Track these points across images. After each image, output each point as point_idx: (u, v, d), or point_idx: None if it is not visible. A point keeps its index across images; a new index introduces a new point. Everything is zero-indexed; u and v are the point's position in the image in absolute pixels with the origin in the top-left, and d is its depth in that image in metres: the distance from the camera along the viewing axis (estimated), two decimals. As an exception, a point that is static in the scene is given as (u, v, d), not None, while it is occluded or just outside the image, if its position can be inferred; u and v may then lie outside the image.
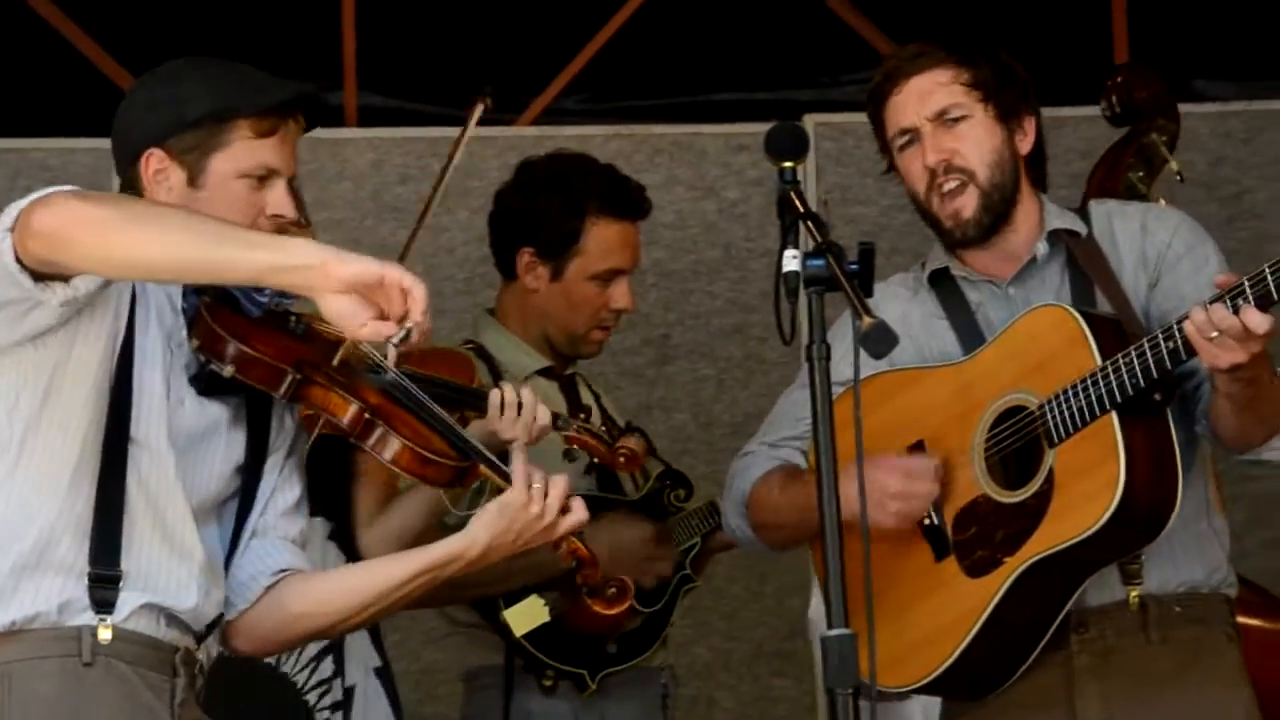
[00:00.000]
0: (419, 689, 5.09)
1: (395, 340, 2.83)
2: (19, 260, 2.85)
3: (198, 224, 2.87)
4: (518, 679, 4.17)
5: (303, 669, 3.66)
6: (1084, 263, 3.47)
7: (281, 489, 3.16)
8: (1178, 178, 4.54)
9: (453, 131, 5.46)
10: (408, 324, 2.82)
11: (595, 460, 3.59)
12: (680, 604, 4.43)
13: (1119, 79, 4.55)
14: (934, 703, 3.87)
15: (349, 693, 3.73)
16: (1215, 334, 3.14)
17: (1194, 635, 3.41)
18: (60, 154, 5.31)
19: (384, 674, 3.77)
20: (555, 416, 3.56)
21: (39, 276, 2.88)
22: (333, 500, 3.68)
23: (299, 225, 3.58)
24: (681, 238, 5.44)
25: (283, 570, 3.14)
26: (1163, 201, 4.35)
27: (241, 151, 3.06)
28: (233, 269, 2.86)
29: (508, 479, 3.13)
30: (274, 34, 5.36)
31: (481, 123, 5.56)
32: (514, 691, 4.17)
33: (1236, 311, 3.12)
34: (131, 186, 3.10)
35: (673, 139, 5.50)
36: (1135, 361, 3.24)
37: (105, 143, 5.22)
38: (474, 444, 3.15)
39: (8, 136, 5.32)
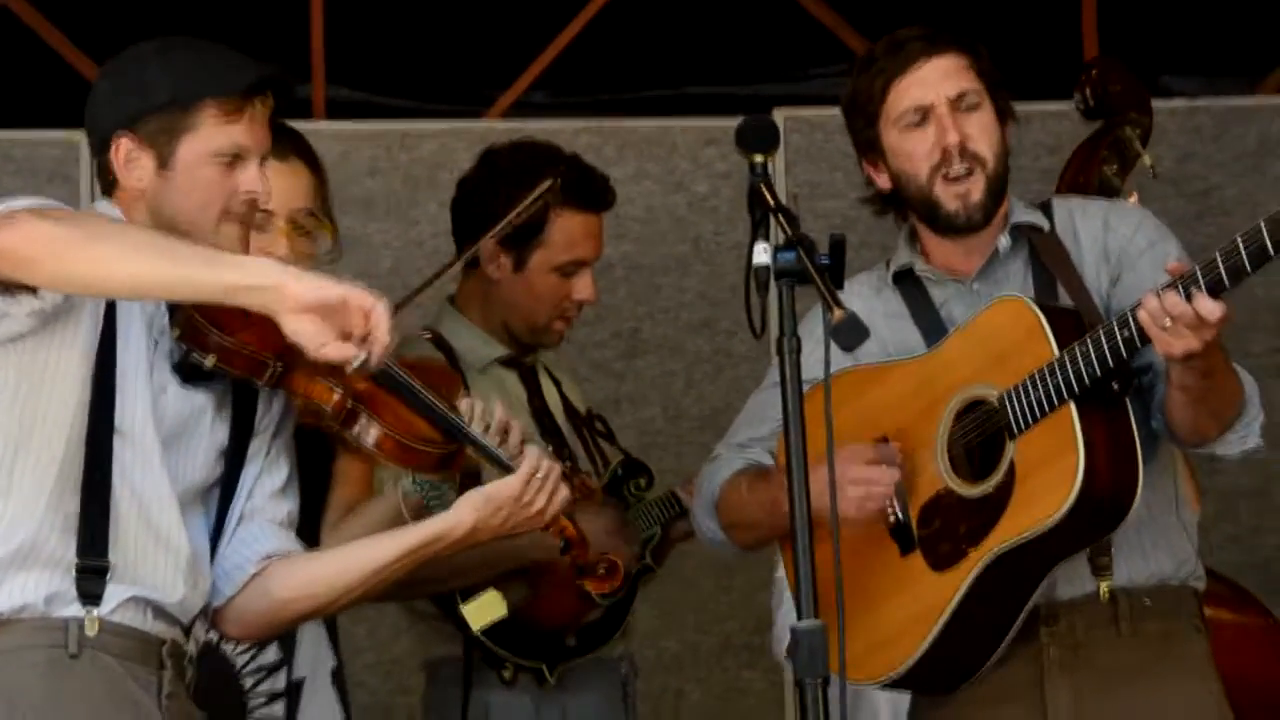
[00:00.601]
0: (390, 680, 5.09)
1: (355, 364, 2.85)
2: None
3: (159, 244, 2.89)
4: (477, 672, 4.15)
5: (244, 651, 3.64)
6: (1046, 258, 3.48)
7: (268, 471, 3.15)
8: (1151, 172, 4.55)
9: (422, 125, 5.48)
10: (368, 346, 2.85)
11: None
12: (645, 595, 4.42)
13: (1093, 72, 4.56)
14: (901, 696, 3.89)
15: (296, 686, 3.71)
16: (1169, 321, 3.14)
17: (1163, 628, 3.41)
18: (25, 145, 5.29)
19: (338, 676, 3.75)
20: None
21: (6, 287, 2.89)
22: (305, 501, 3.65)
23: (320, 223, 3.59)
24: (651, 231, 5.44)
25: (269, 555, 3.13)
26: (1134, 196, 4.36)
27: (210, 134, 3.05)
28: (192, 288, 2.90)
29: (496, 462, 3.12)
30: (242, 26, 5.33)
31: (451, 115, 5.59)
32: (473, 684, 4.15)
33: (1189, 299, 3.12)
34: (105, 173, 3.10)
35: (642, 133, 5.50)
36: (1091, 351, 3.25)
37: (72, 134, 5.26)
38: (463, 427, 3.14)
39: (-27, 127, 5.31)
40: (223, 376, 3.07)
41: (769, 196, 2.99)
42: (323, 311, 2.84)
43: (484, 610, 4.01)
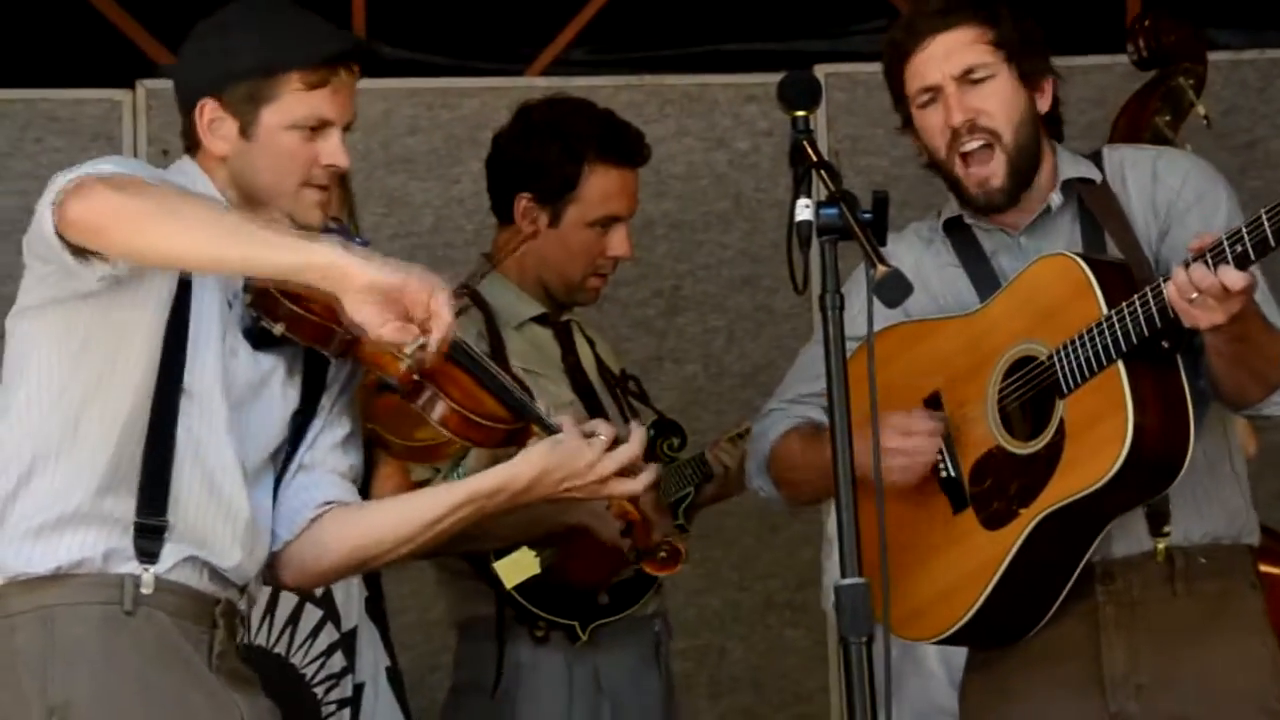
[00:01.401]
0: (432, 639, 5.10)
1: (410, 349, 2.88)
2: (60, 235, 2.90)
3: (227, 222, 2.92)
4: (509, 630, 4.16)
5: (312, 661, 3.67)
6: (1096, 210, 3.46)
7: (330, 425, 3.16)
8: (1205, 122, 4.52)
9: (462, 82, 5.47)
10: (424, 338, 2.87)
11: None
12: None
13: (1146, 22, 4.53)
14: (954, 653, 3.88)
15: (358, 689, 3.73)
16: (1195, 294, 3.13)
17: (1219, 587, 3.41)
18: (69, 105, 5.30)
19: (394, 675, 3.77)
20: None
21: (80, 251, 2.92)
22: None
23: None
24: (692, 189, 5.43)
25: (328, 502, 3.14)
26: (1188, 146, 4.33)
27: (292, 103, 3.07)
28: (258, 267, 2.94)
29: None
30: (283, -16, 5.33)
31: (491, 73, 5.58)
32: (505, 642, 4.16)
33: (1215, 270, 3.11)
34: (190, 133, 3.12)
35: (683, 90, 5.49)
36: (1139, 310, 3.23)
37: (114, 93, 5.28)
38: (529, 405, 3.13)
39: (16, 87, 5.31)
40: (292, 344, 3.08)
41: (811, 152, 2.98)
42: (385, 294, 2.86)
43: (517, 568, 4.04)
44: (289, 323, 3.05)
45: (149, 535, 3.00)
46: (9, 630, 2.99)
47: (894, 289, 2.88)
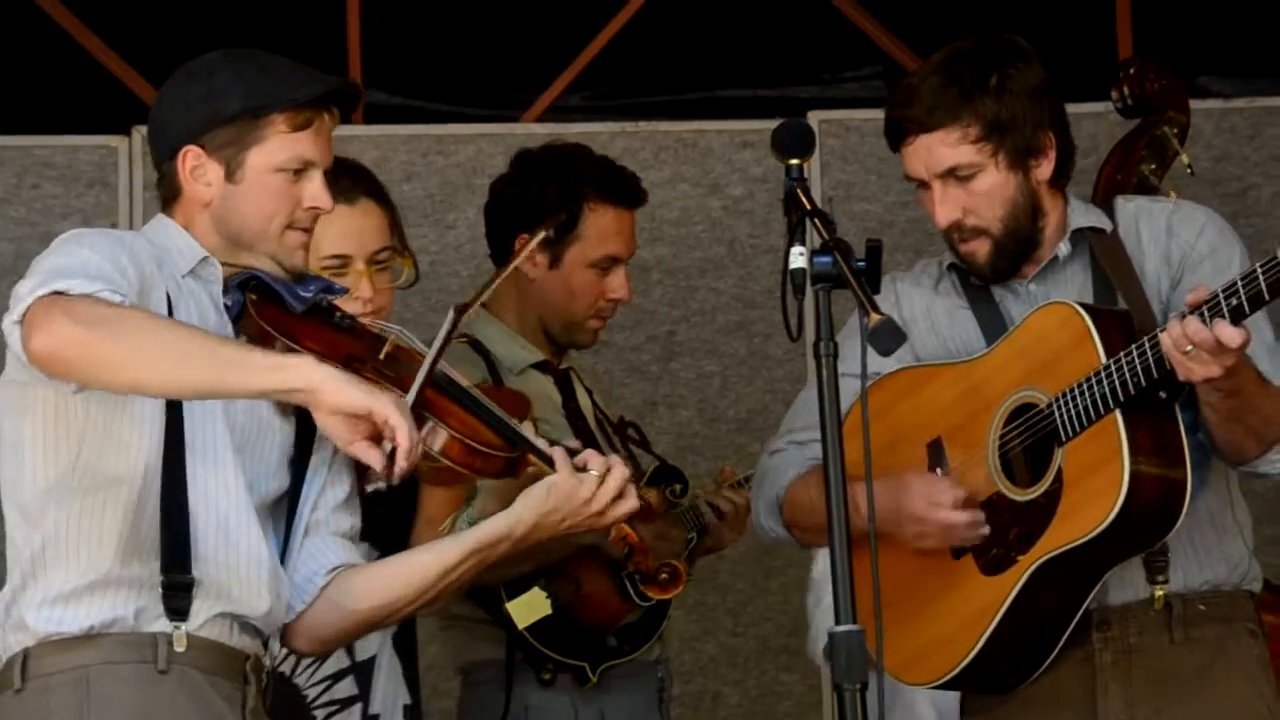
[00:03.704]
0: (423, 685, 5.09)
1: (377, 474, 2.91)
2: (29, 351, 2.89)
3: (194, 345, 2.90)
4: (516, 672, 4.17)
5: (316, 684, 3.65)
6: (1105, 260, 3.47)
7: (331, 485, 3.17)
8: (1188, 170, 4.53)
9: (458, 129, 5.49)
10: (389, 444, 2.89)
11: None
12: (681, 599, 4.41)
13: (1131, 70, 4.55)
14: (945, 698, 3.88)
15: None
16: (1190, 347, 3.14)
17: (1217, 633, 3.42)
18: (65, 151, 5.32)
19: (412, 713, 3.76)
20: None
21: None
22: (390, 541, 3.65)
23: (398, 254, 3.62)
24: (686, 234, 5.44)
25: (336, 567, 3.14)
26: (1173, 194, 4.35)
27: (277, 146, 3.08)
28: (229, 392, 2.95)
29: (552, 466, 3.12)
30: (280, 31, 5.36)
31: (487, 119, 5.60)
32: (514, 683, 4.17)
33: (1210, 325, 3.13)
34: (168, 182, 3.13)
35: (677, 136, 5.51)
36: (1137, 360, 3.24)
37: (110, 139, 5.29)
38: (524, 435, 3.15)
39: (13, 134, 5.33)
40: None
41: (805, 200, 3.00)
42: (351, 415, 2.89)
43: (529, 608, 4.06)
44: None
45: (177, 593, 2.99)
46: (42, 690, 2.97)
47: (888, 337, 2.89)
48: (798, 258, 2.94)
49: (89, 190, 5.25)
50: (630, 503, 3.13)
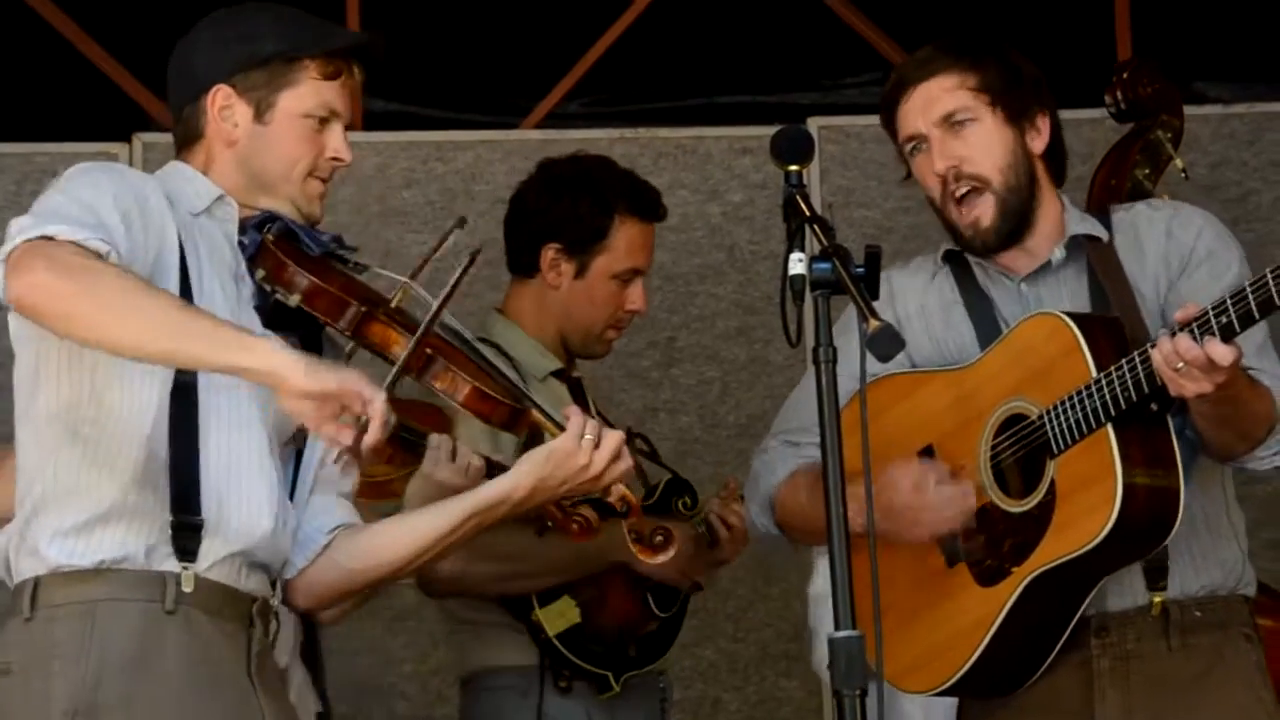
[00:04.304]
0: (427, 690, 5.10)
1: (348, 443, 2.89)
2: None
3: (164, 313, 2.89)
4: (535, 680, 4.21)
5: None
6: (1100, 269, 3.47)
7: None
8: (1183, 175, 4.54)
9: (457, 135, 5.50)
10: (363, 419, 2.88)
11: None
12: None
13: (1124, 75, 4.55)
14: (932, 705, 3.89)
15: None
16: (1181, 364, 3.15)
17: (1214, 639, 3.42)
18: (65, 159, 5.28)
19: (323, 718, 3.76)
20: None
21: None
22: None
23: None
24: (686, 240, 5.45)
25: (338, 527, 3.17)
26: (1166, 198, 4.35)
27: (309, 91, 3.15)
28: (195, 363, 2.95)
29: (559, 426, 3.15)
30: (279, 38, 5.36)
31: (486, 126, 5.61)
32: (531, 691, 4.20)
33: (1201, 343, 3.12)
34: (192, 122, 3.16)
35: (677, 142, 5.51)
36: (1128, 374, 3.24)
37: (111, 146, 5.29)
38: (526, 391, 3.19)
39: (12, 141, 5.33)
40: (302, 320, 3.11)
41: (804, 207, 3.00)
42: (320, 397, 2.88)
43: (559, 616, 4.12)
44: (305, 294, 3.09)
45: (186, 533, 3.01)
46: (48, 621, 2.99)
47: (886, 343, 2.90)
48: (797, 264, 2.95)
49: (89, 197, 5.24)
50: (625, 463, 3.16)
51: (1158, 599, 3.40)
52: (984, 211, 3.45)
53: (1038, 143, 3.49)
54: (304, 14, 3.21)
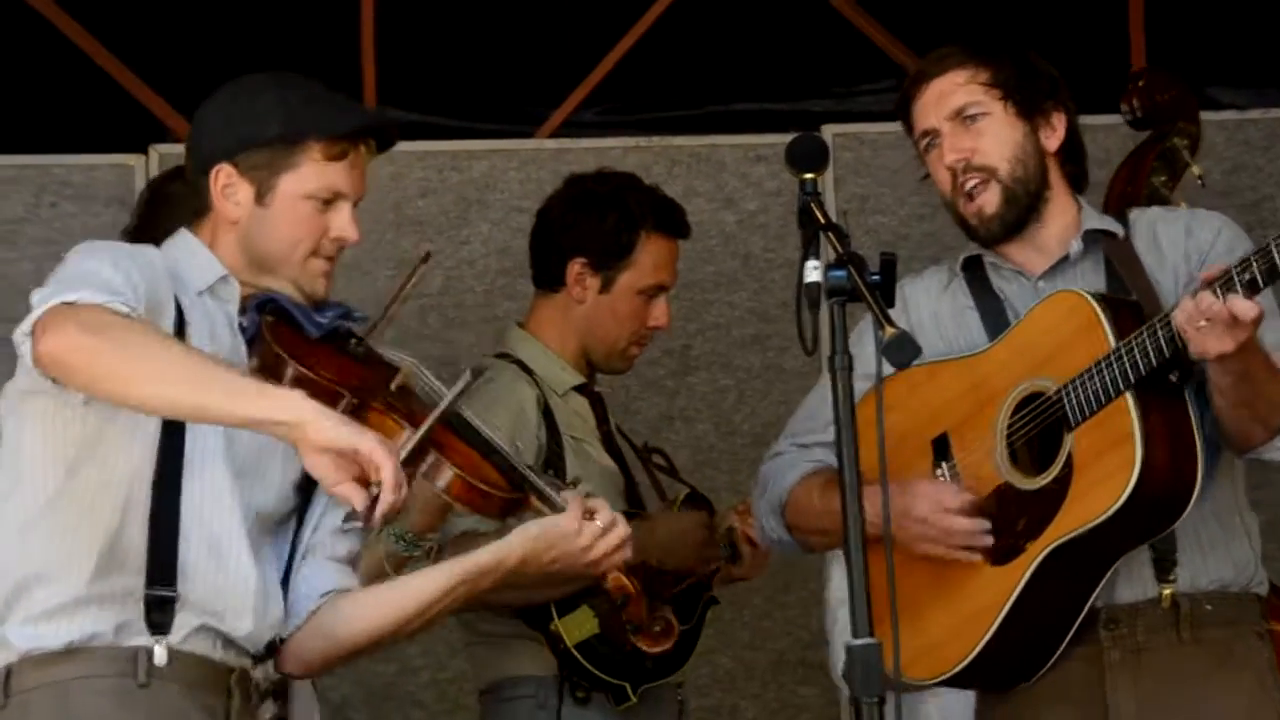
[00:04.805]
0: (445, 699, 5.10)
1: (360, 509, 2.90)
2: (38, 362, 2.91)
3: (190, 367, 2.90)
4: (553, 690, 4.21)
5: None
6: (1118, 262, 3.50)
7: (333, 507, 3.16)
8: (1199, 182, 4.54)
9: (472, 144, 5.51)
10: (375, 487, 2.88)
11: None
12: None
13: (1140, 82, 4.55)
14: (953, 706, 3.88)
15: None
16: (1203, 322, 3.16)
17: (1224, 635, 3.42)
18: (82, 170, 5.33)
19: None
20: None
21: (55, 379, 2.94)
22: None
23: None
24: (701, 248, 5.45)
25: (328, 592, 3.15)
26: (1183, 206, 4.36)
27: (310, 173, 3.10)
28: (220, 418, 2.94)
29: (557, 510, 3.12)
30: (295, 49, 5.38)
31: (501, 135, 5.62)
32: (547, 703, 4.21)
33: (1224, 299, 3.15)
34: (199, 197, 3.14)
35: (691, 150, 5.52)
36: (1148, 340, 3.26)
37: (128, 158, 5.31)
38: (529, 475, 3.15)
39: (30, 153, 5.35)
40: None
41: (819, 215, 3.01)
42: (339, 454, 2.88)
43: (577, 626, 4.13)
44: (296, 385, 3.04)
45: (159, 607, 2.99)
46: (22, 706, 2.98)
47: (902, 351, 2.90)
48: (812, 271, 2.95)
49: (106, 209, 5.26)
50: (625, 553, 3.14)
51: (1167, 591, 3.40)
52: (988, 199, 3.48)
53: (1051, 140, 3.53)
54: (314, 90, 3.16)
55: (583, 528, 3.10)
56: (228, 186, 3.12)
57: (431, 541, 3.36)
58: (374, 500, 2.90)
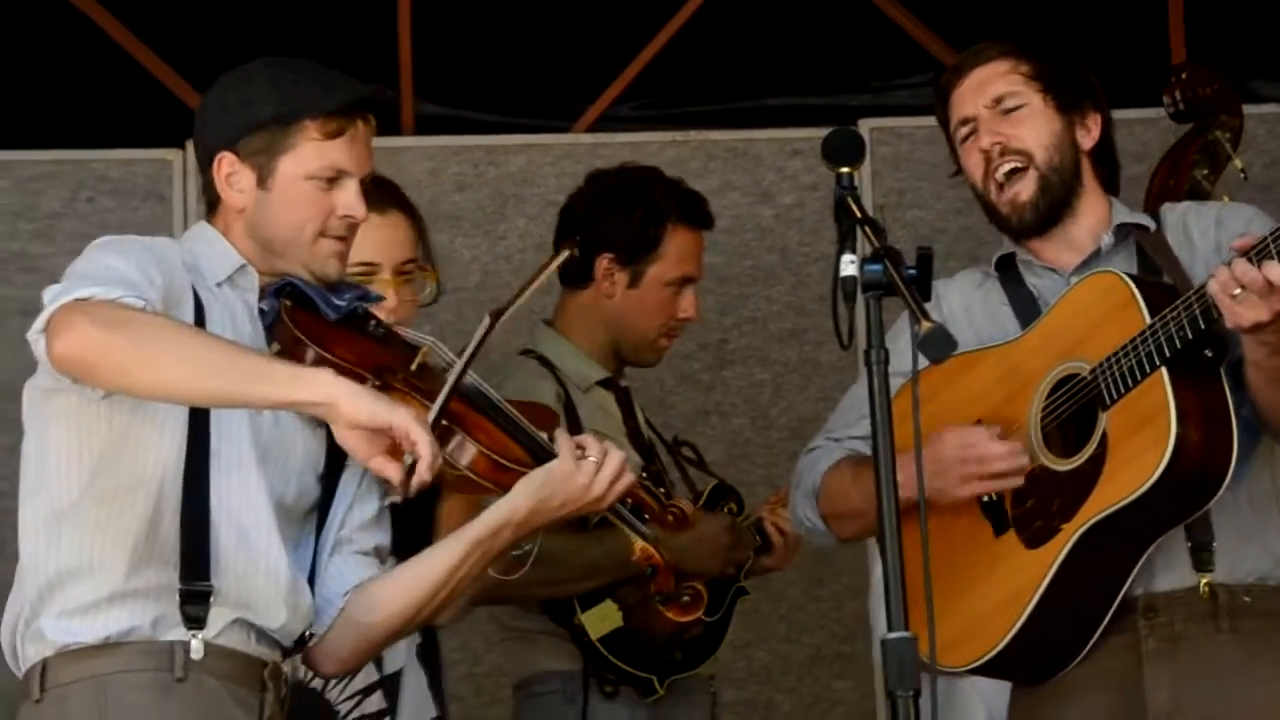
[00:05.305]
0: (481, 693, 5.11)
1: (397, 480, 2.91)
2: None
3: (215, 354, 2.90)
4: (580, 685, 4.22)
5: (348, 699, 3.67)
6: (1152, 253, 3.50)
7: (360, 501, 3.16)
8: (1241, 175, 4.53)
9: (508, 139, 5.51)
10: (410, 458, 2.89)
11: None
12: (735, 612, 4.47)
13: (1183, 75, 4.54)
14: (993, 697, 3.87)
15: None
16: (1238, 290, 3.16)
17: (1262, 625, 3.41)
18: (120, 165, 5.35)
19: None
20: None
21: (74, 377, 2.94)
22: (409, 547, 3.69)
23: (422, 269, 3.65)
24: (737, 243, 5.45)
25: (352, 588, 3.13)
26: (1226, 199, 4.35)
27: (309, 153, 3.08)
28: (250, 401, 2.94)
29: None
30: (331, 43, 5.38)
31: (537, 130, 5.62)
32: (576, 696, 4.22)
33: (1259, 266, 3.15)
34: (209, 187, 3.14)
35: (727, 145, 5.52)
36: (1182, 314, 3.26)
37: (165, 153, 5.32)
38: (551, 449, 3.13)
39: (68, 148, 5.37)
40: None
41: (856, 209, 3.00)
42: (373, 429, 2.89)
43: (602, 619, 4.14)
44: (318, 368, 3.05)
45: (195, 601, 2.99)
46: (59, 700, 2.98)
47: (938, 345, 2.90)
48: (848, 266, 2.94)
49: (144, 204, 5.28)
50: (627, 480, 3.13)
51: (1205, 581, 3.39)
52: (1023, 187, 3.48)
53: (1086, 140, 3.55)
54: (311, 70, 3.14)
55: (579, 466, 3.09)
56: (231, 174, 3.10)
57: (530, 546, 3.35)
58: (409, 472, 2.90)
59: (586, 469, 3.09)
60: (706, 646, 4.35)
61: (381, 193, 3.51)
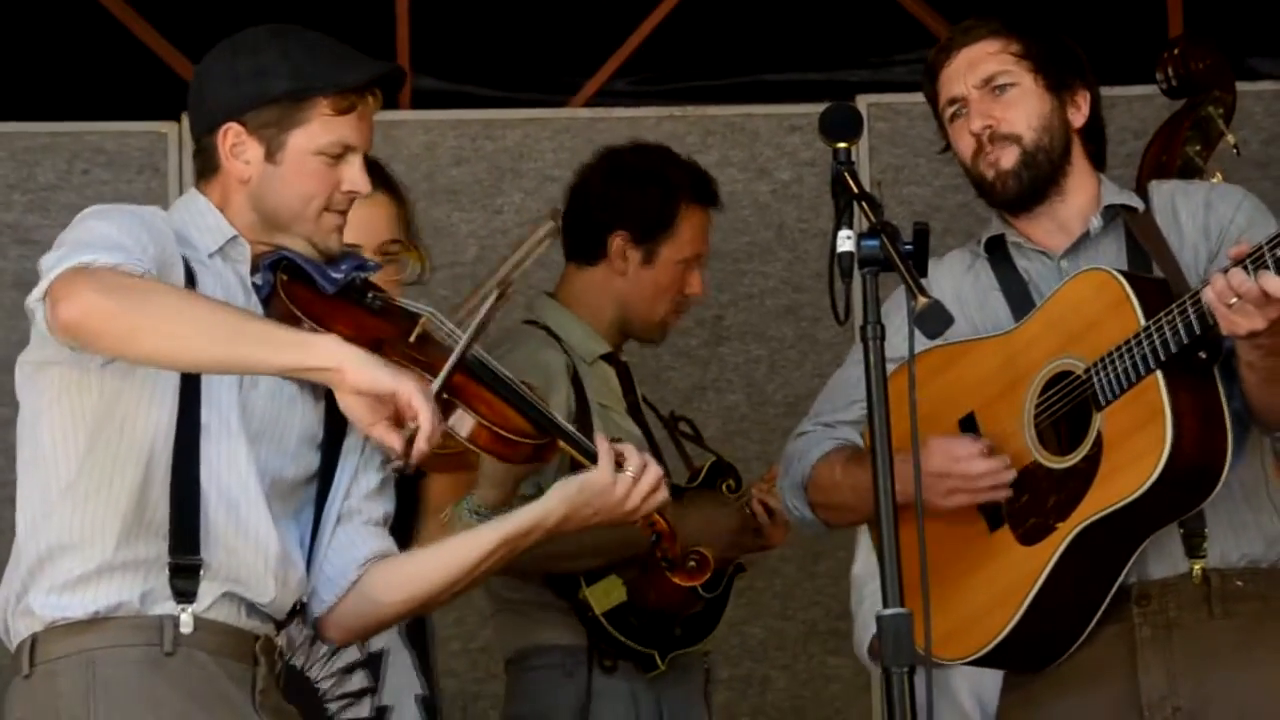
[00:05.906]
0: (476, 667, 5.12)
1: (397, 448, 2.90)
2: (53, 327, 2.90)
3: (218, 319, 2.90)
4: (580, 659, 4.22)
5: (329, 676, 3.67)
6: (1140, 236, 3.49)
7: (364, 470, 3.16)
8: (1234, 151, 4.52)
9: (506, 113, 5.50)
10: (411, 426, 2.89)
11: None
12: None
13: (1175, 50, 4.52)
14: (983, 683, 3.88)
15: (381, 711, 3.74)
16: (1234, 299, 3.15)
17: (1256, 609, 3.41)
18: (115, 137, 5.35)
19: (427, 703, 3.77)
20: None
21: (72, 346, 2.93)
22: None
23: (406, 249, 3.65)
24: (734, 218, 5.44)
25: (369, 559, 3.13)
26: (1219, 175, 4.34)
27: (320, 129, 3.07)
28: (254, 367, 2.94)
29: (590, 456, 3.11)
30: (328, 16, 5.36)
31: (534, 104, 5.61)
32: (576, 670, 4.23)
33: (1255, 276, 3.13)
34: (207, 155, 3.12)
35: (725, 120, 5.51)
36: (1178, 318, 3.25)
37: (160, 125, 5.32)
38: (555, 420, 3.14)
39: (63, 120, 5.36)
40: None
41: (853, 184, 3.00)
42: (375, 396, 2.89)
43: (606, 594, 4.14)
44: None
45: (184, 575, 2.99)
46: (49, 675, 2.98)
47: (934, 320, 2.90)
48: (845, 241, 2.94)
49: (139, 176, 5.27)
50: (661, 496, 3.13)
51: (1198, 567, 3.39)
52: (1005, 156, 3.47)
53: (1076, 118, 3.53)
54: (318, 41, 3.12)
55: (617, 479, 3.09)
56: (237, 145, 3.08)
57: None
58: (409, 441, 2.90)
59: (624, 482, 3.09)
60: (706, 623, 4.36)
61: (367, 171, 3.50)
